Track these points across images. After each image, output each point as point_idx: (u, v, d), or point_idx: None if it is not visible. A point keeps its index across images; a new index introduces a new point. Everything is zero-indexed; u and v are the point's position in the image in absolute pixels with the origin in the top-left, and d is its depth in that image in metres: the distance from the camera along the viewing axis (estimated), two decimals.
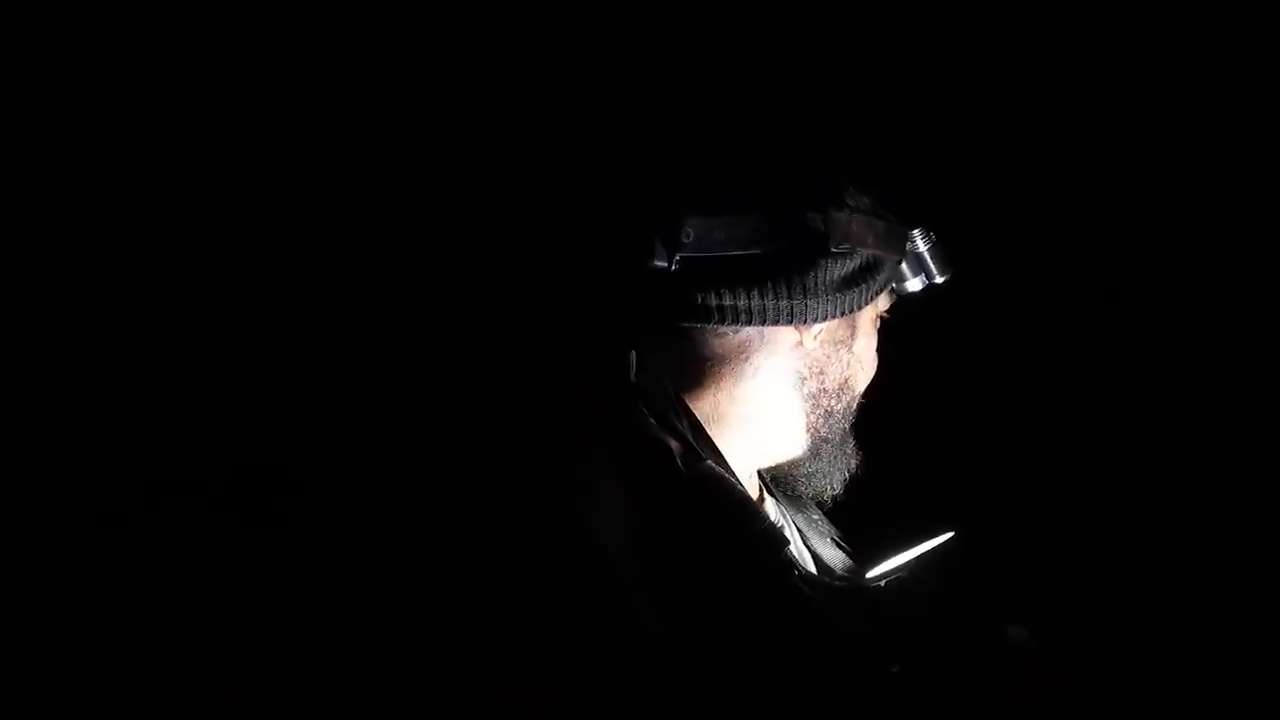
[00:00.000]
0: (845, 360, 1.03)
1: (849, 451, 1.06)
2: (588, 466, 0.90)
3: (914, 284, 1.06)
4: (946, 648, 0.92)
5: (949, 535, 1.00)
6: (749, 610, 0.86)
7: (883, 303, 1.06)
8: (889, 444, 1.09)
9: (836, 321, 1.00)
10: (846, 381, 1.03)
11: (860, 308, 1.01)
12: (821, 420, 1.02)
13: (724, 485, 0.93)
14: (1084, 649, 1.10)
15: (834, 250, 0.95)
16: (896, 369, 1.10)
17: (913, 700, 0.89)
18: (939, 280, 1.07)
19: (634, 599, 0.83)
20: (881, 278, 1.02)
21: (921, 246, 1.05)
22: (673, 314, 0.97)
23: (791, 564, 0.93)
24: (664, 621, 0.83)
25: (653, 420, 0.95)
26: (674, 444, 0.93)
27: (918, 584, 0.97)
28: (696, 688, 0.82)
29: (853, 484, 1.07)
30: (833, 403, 1.02)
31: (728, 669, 0.83)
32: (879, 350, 1.08)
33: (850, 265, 0.99)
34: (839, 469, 1.06)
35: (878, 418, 1.08)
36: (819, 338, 1.00)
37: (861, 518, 1.12)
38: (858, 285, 0.99)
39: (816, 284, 0.97)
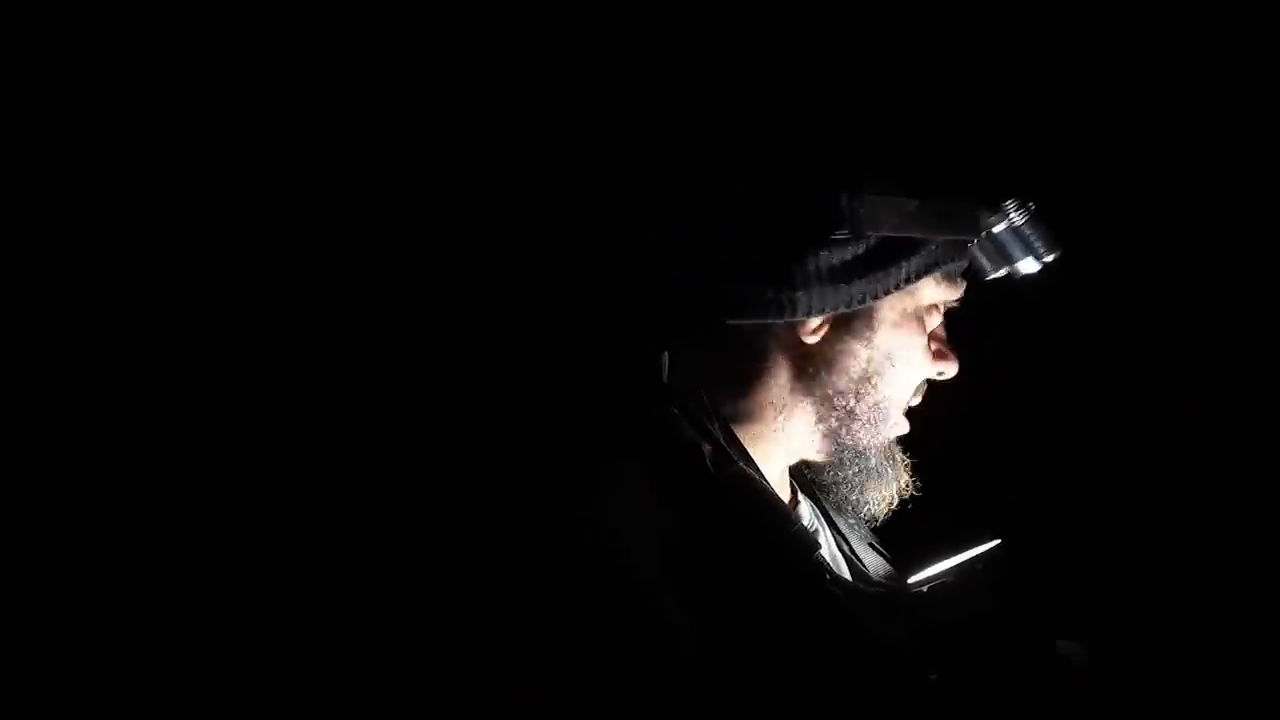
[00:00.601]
0: (864, 356, 0.95)
1: (888, 466, 0.98)
2: (618, 471, 0.88)
3: (1007, 267, 0.94)
4: (986, 657, 0.89)
5: (995, 543, 0.96)
6: (778, 614, 0.84)
7: (934, 292, 0.97)
8: (933, 445, 1.04)
9: (848, 313, 0.93)
10: (869, 380, 0.95)
11: (876, 297, 0.93)
12: (842, 422, 0.96)
13: (753, 487, 0.90)
14: (1126, 660, 1.07)
15: (833, 237, 0.89)
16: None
17: (948, 708, 0.86)
18: (1046, 259, 0.94)
19: (663, 602, 0.81)
20: (915, 263, 0.93)
21: (1004, 225, 0.93)
22: (689, 313, 0.95)
23: (822, 568, 0.90)
24: (693, 625, 0.81)
25: (685, 422, 0.92)
26: (706, 447, 0.90)
27: (960, 591, 0.93)
28: (726, 692, 0.80)
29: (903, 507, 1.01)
30: (851, 402, 0.95)
31: (757, 673, 0.81)
32: (953, 348, 1.00)
33: (856, 251, 0.91)
34: (874, 483, 0.99)
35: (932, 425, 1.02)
36: (820, 332, 0.94)
37: (903, 522, 1.09)
38: (871, 273, 0.92)
39: (808, 274, 0.90)
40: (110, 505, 1.19)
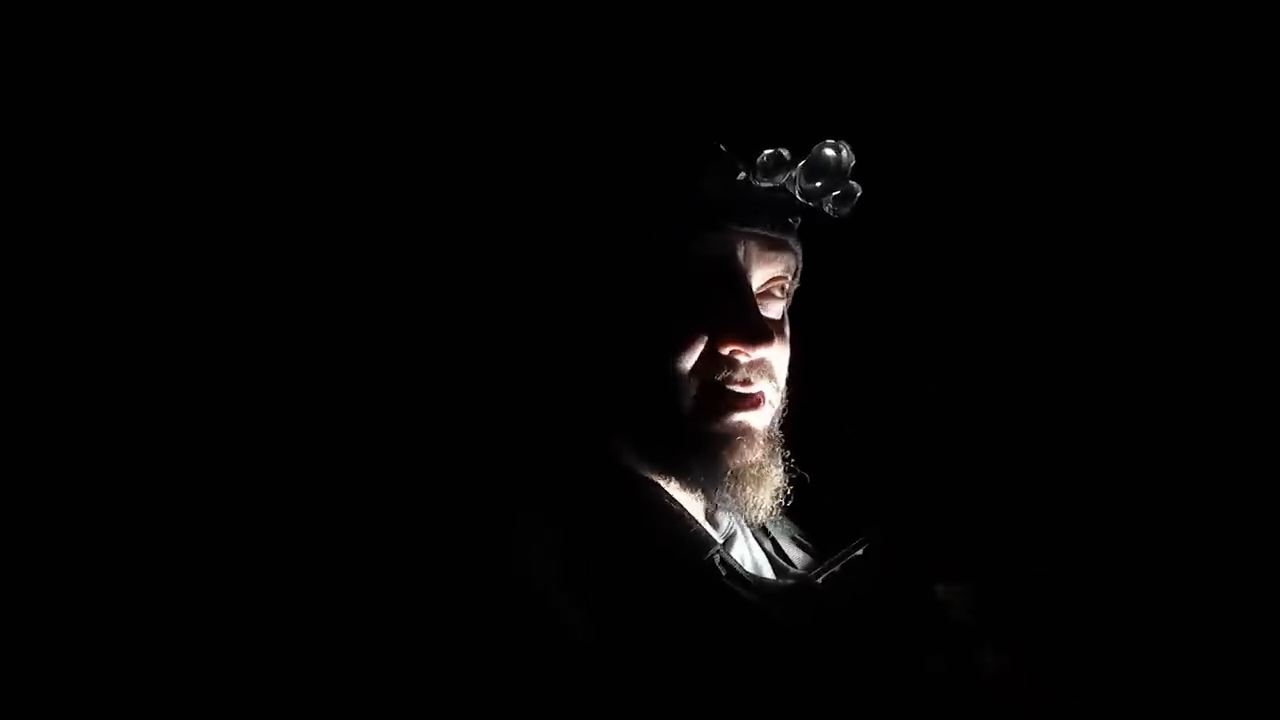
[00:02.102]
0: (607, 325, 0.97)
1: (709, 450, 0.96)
2: (522, 510, 0.92)
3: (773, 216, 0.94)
4: (875, 636, 0.93)
5: (872, 532, 1.00)
6: (668, 611, 0.88)
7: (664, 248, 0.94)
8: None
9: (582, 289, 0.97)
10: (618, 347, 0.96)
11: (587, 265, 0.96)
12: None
13: (647, 499, 0.97)
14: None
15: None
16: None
17: (843, 691, 0.90)
18: (825, 205, 0.95)
19: (557, 603, 0.85)
20: (616, 227, 0.95)
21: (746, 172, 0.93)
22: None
23: (716, 567, 0.95)
24: (588, 624, 0.84)
25: (585, 452, 0.98)
26: (604, 471, 0.97)
27: (848, 578, 0.97)
28: (620, 690, 0.84)
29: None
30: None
31: (650, 670, 0.85)
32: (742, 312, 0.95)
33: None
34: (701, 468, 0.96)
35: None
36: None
37: (827, 515, 1.12)
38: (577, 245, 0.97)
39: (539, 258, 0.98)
40: (103, 505, 1.21)
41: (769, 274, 0.99)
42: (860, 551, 0.99)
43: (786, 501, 0.99)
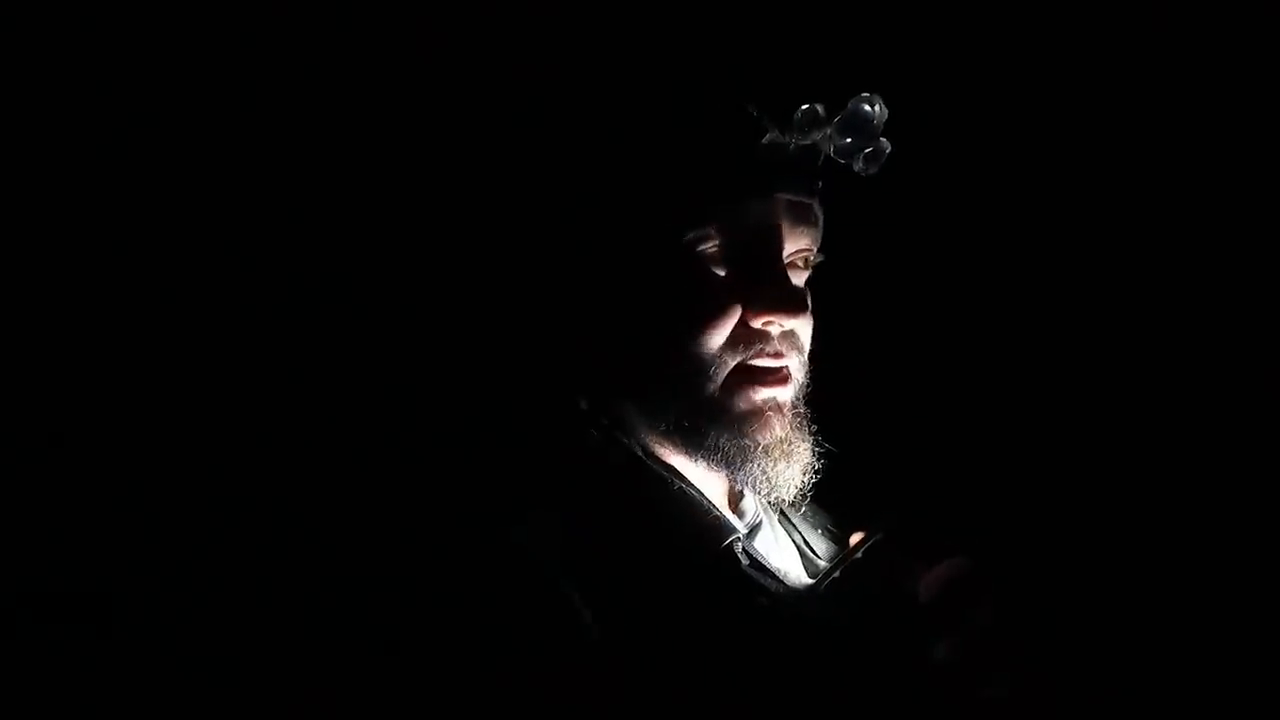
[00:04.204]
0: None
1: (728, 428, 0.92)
2: (536, 500, 0.88)
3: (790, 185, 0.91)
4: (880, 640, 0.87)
5: (876, 536, 0.93)
6: (680, 602, 0.84)
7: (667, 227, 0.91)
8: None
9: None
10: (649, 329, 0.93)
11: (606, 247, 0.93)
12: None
13: (663, 486, 0.93)
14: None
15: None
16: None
17: (858, 692, 0.84)
18: (841, 158, 0.91)
19: (570, 596, 0.81)
20: (627, 205, 0.92)
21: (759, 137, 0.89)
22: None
23: (735, 556, 0.91)
24: (600, 618, 0.81)
25: (602, 441, 0.94)
26: (621, 460, 0.93)
27: (852, 581, 0.91)
28: (636, 682, 0.80)
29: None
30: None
31: (662, 661, 0.81)
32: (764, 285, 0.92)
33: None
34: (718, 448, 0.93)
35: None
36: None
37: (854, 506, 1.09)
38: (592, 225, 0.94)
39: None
40: (102, 504, 1.21)
41: (796, 245, 0.95)
42: (867, 546, 0.93)
43: (817, 475, 0.96)
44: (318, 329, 1.30)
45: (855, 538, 0.93)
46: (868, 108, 0.89)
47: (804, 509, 1.08)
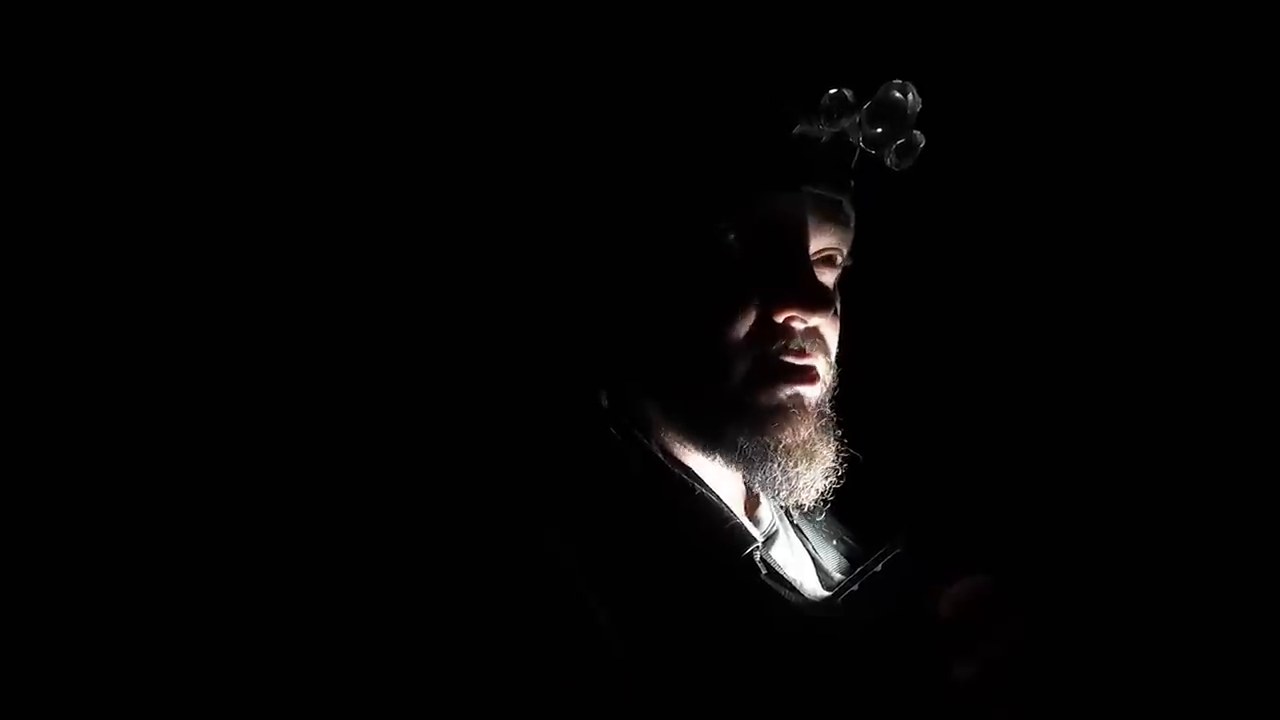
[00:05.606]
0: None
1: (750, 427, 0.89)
2: (560, 501, 0.85)
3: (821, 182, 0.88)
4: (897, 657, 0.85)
5: (895, 549, 0.92)
6: (701, 610, 0.82)
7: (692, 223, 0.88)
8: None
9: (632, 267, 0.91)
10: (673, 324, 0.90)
11: (629, 240, 0.91)
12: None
13: (682, 493, 0.90)
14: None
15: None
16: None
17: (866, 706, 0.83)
18: (877, 151, 0.88)
19: (589, 604, 0.79)
20: (651, 196, 0.89)
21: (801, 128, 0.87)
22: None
23: (755, 564, 0.88)
24: (619, 625, 0.79)
25: (621, 444, 0.91)
26: (641, 464, 0.90)
27: (868, 596, 0.90)
28: (656, 693, 0.78)
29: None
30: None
31: (685, 674, 0.79)
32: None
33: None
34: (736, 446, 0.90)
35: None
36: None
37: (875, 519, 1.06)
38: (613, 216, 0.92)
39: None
40: (103, 506, 1.20)
41: (823, 242, 0.92)
42: (879, 567, 0.91)
43: (839, 481, 0.93)
44: (341, 328, 1.28)
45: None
46: (899, 95, 0.86)
47: (819, 519, 1.05)
